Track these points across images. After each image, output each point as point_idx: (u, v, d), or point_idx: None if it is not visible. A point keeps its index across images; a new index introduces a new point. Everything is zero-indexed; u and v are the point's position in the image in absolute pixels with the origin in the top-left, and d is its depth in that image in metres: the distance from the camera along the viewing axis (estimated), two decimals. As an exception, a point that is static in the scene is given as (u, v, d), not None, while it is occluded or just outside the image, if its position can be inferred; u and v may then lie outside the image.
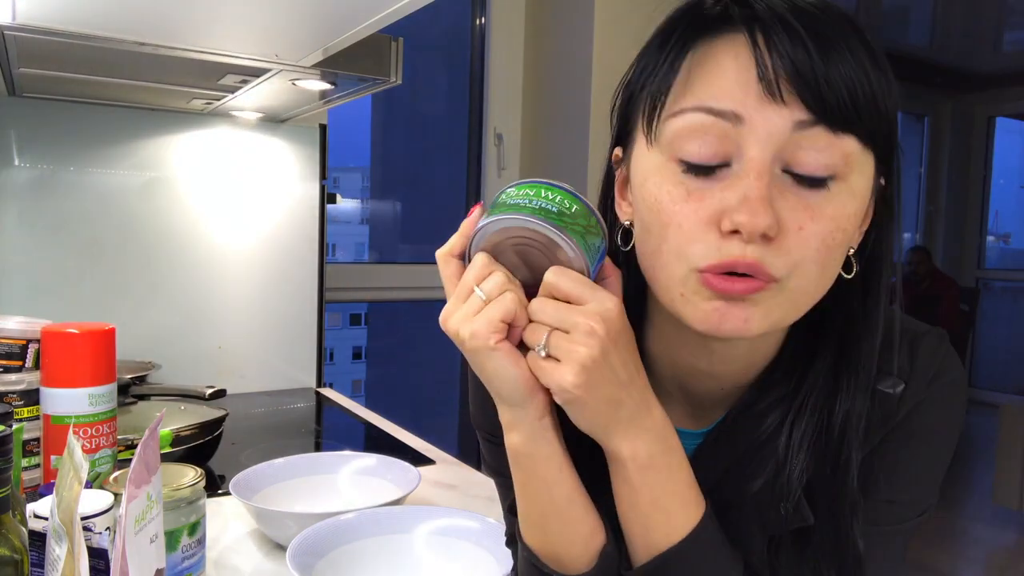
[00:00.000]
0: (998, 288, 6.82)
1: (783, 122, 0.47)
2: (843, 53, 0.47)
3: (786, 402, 0.57)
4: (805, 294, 0.51)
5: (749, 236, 0.47)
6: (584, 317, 0.49)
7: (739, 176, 0.48)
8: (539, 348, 0.50)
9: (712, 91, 0.49)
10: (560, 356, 0.49)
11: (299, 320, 1.83)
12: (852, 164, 0.49)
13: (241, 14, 0.93)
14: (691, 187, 0.50)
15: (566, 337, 0.49)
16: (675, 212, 0.50)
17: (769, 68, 0.47)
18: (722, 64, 0.49)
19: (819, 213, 0.48)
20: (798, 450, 0.55)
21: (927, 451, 0.58)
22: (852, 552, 0.55)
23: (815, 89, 0.46)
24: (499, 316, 0.50)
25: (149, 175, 1.63)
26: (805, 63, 0.46)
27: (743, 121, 0.48)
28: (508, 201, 0.51)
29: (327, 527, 0.85)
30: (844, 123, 0.47)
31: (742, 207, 0.47)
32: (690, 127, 0.49)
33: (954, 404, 0.58)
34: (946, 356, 0.58)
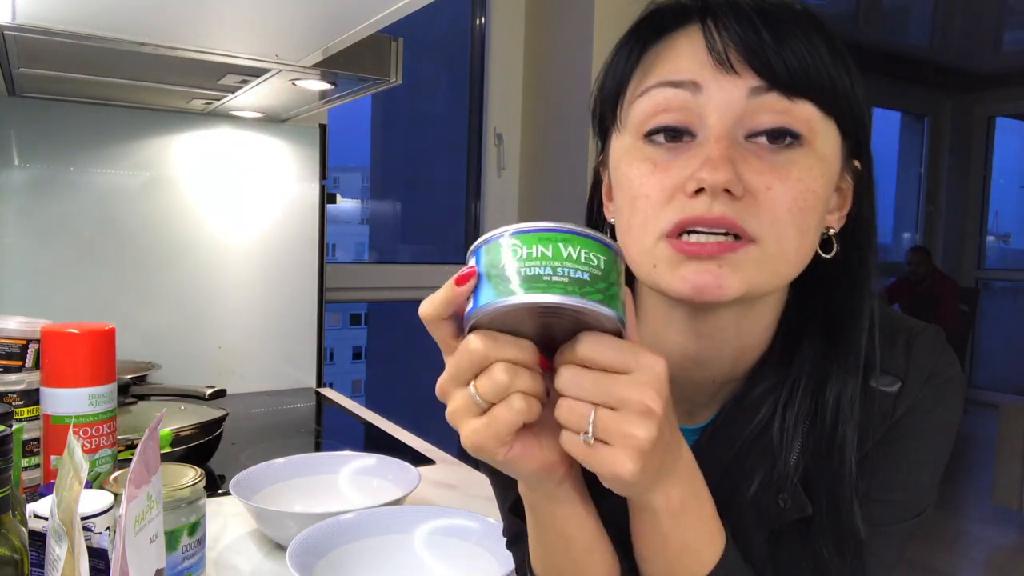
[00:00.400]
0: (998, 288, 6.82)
1: (738, 90, 0.50)
2: (793, 33, 0.50)
3: (776, 392, 0.57)
4: (784, 259, 0.51)
5: (712, 190, 0.48)
6: (636, 392, 0.42)
7: (701, 144, 0.51)
8: (585, 436, 0.43)
9: (670, 67, 0.52)
10: (613, 441, 0.43)
11: (299, 320, 1.83)
12: (814, 129, 0.51)
13: (241, 14, 0.93)
14: (657, 160, 0.52)
15: (616, 417, 0.42)
16: (642, 184, 0.52)
17: (718, 42, 0.50)
18: (678, 48, 0.52)
19: (785, 174, 0.50)
20: (792, 436, 0.55)
21: (925, 449, 0.58)
22: (853, 535, 0.54)
23: (763, 58, 0.49)
24: (505, 431, 0.43)
25: (149, 175, 1.63)
26: (753, 38, 0.49)
27: (701, 89, 0.50)
28: (523, 270, 0.41)
29: (327, 527, 0.85)
30: (797, 89, 0.50)
31: (704, 166, 0.49)
32: (653, 102, 0.52)
33: (952, 402, 0.58)
34: (943, 353, 0.58)
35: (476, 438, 0.44)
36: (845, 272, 0.57)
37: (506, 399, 0.43)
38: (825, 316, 0.57)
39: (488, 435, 0.44)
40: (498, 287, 0.41)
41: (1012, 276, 6.79)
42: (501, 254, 0.42)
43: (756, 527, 0.57)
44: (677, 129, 0.51)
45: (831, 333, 0.56)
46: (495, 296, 0.41)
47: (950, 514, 3.89)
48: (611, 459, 0.43)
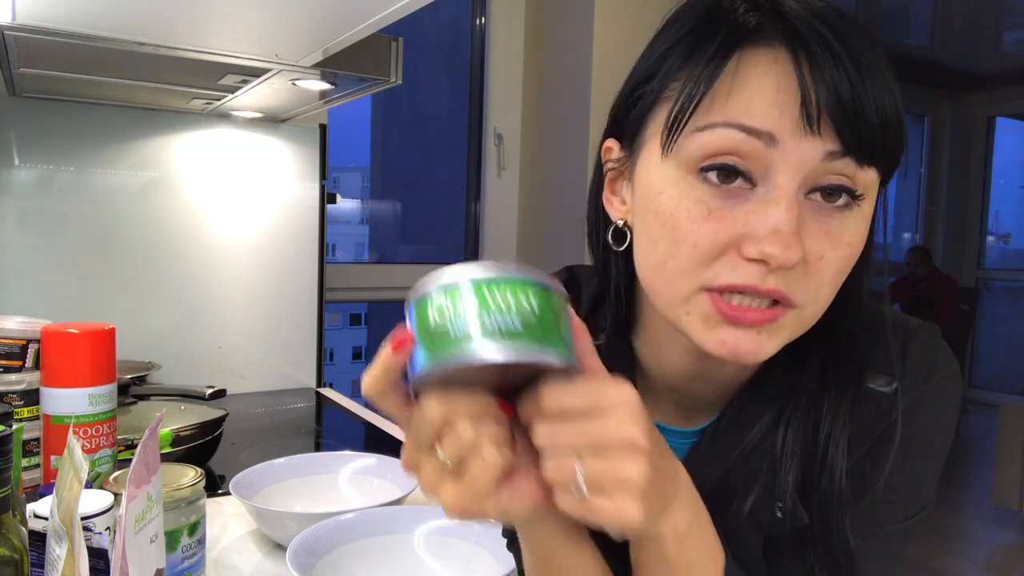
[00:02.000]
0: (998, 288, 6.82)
1: (815, 151, 0.46)
2: (876, 78, 0.46)
3: (780, 401, 0.57)
4: (815, 316, 0.51)
5: (778, 268, 0.46)
6: (615, 431, 0.40)
7: (766, 202, 0.46)
8: (578, 491, 0.40)
9: (749, 109, 0.46)
10: (607, 489, 0.40)
11: (299, 320, 1.83)
12: (868, 193, 0.49)
13: (241, 14, 0.93)
14: (712, 207, 0.47)
15: (604, 463, 0.40)
16: (692, 231, 0.47)
17: (812, 96, 0.45)
18: (761, 82, 0.46)
19: (838, 240, 0.48)
20: (792, 446, 0.55)
21: (923, 449, 0.57)
22: (844, 551, 0.54)
23: (853, 123, 0.45)
24: (485, 487, 0.41)
25: (149, 175, 1.63)
26: (846, 91, 0.45)
27: (777, 144, 0.45)
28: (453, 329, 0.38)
29: (327, 527, 0.85)
30: (872, 157, 0.47)
31: (774, 239, 0.45)
32: (719, 144, 0.46)
33: (949, 401, 0.58)
34: (939, 352, 0.58)
35: (459, 503, 0.41)
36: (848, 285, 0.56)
37: (477, 455, 0.40)
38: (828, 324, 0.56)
39: (470, 496, 0.41)
40: (434, 347, 0.39)
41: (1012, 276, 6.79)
42: (428, 312, 0.39)
43: (751, 533, 0.57)
44: (738, 172, 0.47)
45: (832, 346, 0.56)
46: (431, 359, 0.39)
47: (950, 514, 3.89)
48: (613, 508, 0.40)
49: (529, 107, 2.40)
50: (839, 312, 0.55)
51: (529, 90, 2.40)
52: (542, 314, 0.39)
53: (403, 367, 0.41)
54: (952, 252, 6.62)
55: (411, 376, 0.41)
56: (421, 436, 0.42)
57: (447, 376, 0.40)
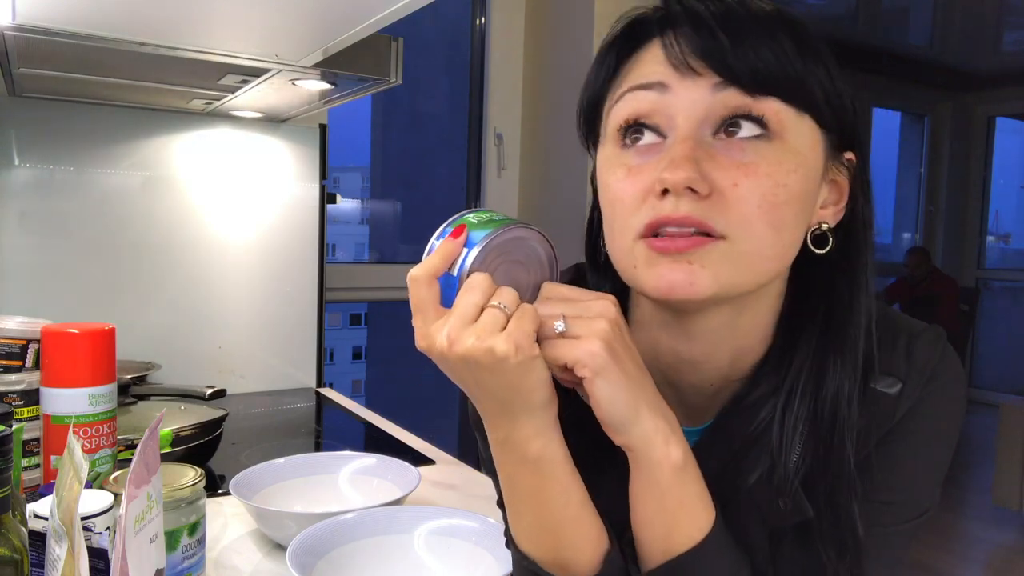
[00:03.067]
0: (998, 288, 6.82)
1: (701, 89, 0.51)
2: (753, 33, 0.51)
3: (776, 396, 0.57)
4: (760, 256, 0.51)
5: (675, 191, 0.50)
6: (592, 306, 0.51)
7: (669, 147, 0.52)
8: (557, 326, 0.50)
9: (639, 73, 0.54)
10: (580, 333, 0.50)
11: (299, 320, 1.83)
12: (783, 123, 0.51)
13: (241, 14, 0.93)
14: (631, 164, 0.54)
15: (580, 320, 0.51)
16: (618, 189, 0.54)
17: (676, 48, 0.52)
18: (644, 60, 0.55)
19: (752, 170, 0.50)
20: (791, 437, 0.55)
21: (927, 451, 0.57)
22: (853, 537, 0.54)
23: (720, 58, 0.50)
24: (532, 326, 0.50)
25: (149, 175, 1.63)
26: (709, 41, 0.51)
27: (668, 89, 0.52)
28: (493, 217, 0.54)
29: (327, 527, 0.85)
30: (759, 85, 0.50)
31: (668, 166, 0.50)
32: (627, 106, 0.54)
33: (953, 403, 0.58)
34: (944, 354, 0.58)
35: (513, 339, 0.48)
36: (842, 267, 0.56)
37: (521, 307, 0.50)
38: (824, 315, 0.56)
39: (521, 333, 0.49)
40: (487, 227, 0.52)
41: (1012, 276, 6.80)
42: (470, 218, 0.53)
43: (757, 527, 0.57)
44: (646, 125, 0.53)
45: (830, 332, 0.56)
46: (492, 229, 0.51)
47: (950, 514, 3.89)
48: (581, 343, 0.50)
49: (529, 107, 2.40)
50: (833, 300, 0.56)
51: (529, 90, 2.40)
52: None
53: (457, 253, 0.51)
54: (952, 252, 6.62)
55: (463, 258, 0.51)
56: (470, 306, 0.49)
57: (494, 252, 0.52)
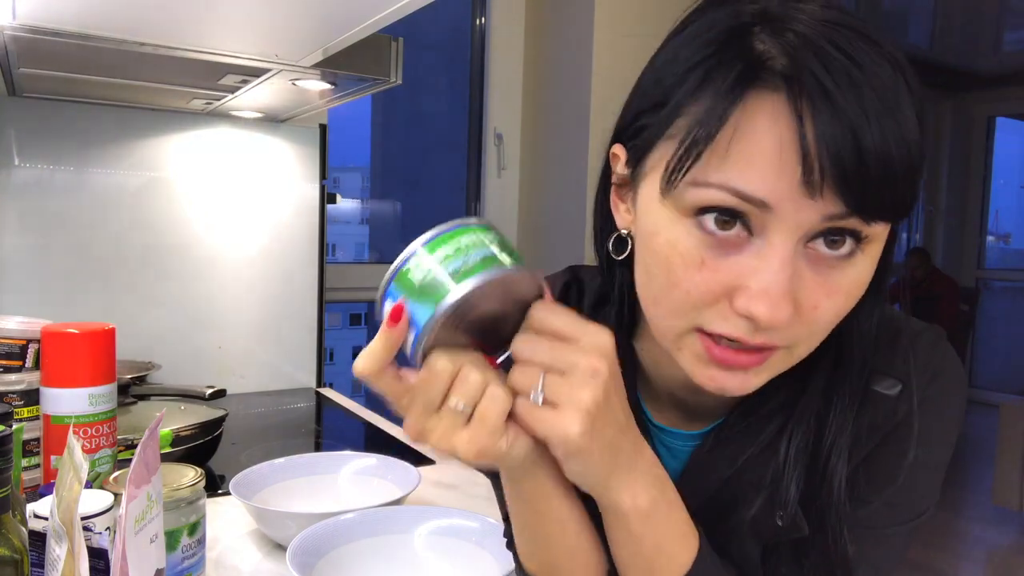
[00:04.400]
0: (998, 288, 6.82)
1: (816, 214, 0.44)
2: (887, 120, 0.42)
3: (787, 409, 0.56)
4: (806, 352, 0.50)
5: (765, 327, 0.46)
6: (583, 355, 0.45)
7: (760, 257, 0.45)
8: (535, 394, 0.45)
9: (746, 173, 0.43)
10: (560, 402, 0.45)
11: (299, 320, 1.83)
12: (875, 239, 0.47)
13: (241, 14, 0.93)
14: (706, 255, 0.46)
15: (564, 380, 0.45)
16: (686, 278, 0.47)
17: (814, 161, 0.42)
18: (761, 142, 0.43)
19: (835, 290, 0.47)
20: (795, 459, 0.55)
21: (927, 452, 0.57)
22: (841, 561, 0.54)
23: (855, 186, 0.42)
24: (498, 422, 0.45)
25: (149, 175, 1.63)
26: (850, 155, 0.42)
27: (772, 210, 0.44)
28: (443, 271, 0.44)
29: (327, 527, 0.85)
30: (878, 214, 0.45)
31: (763, 299, 0.44)
32: (713, 201, 0.45)
33: (953, 404, 0.58)
34: (944, 355, 0.58)
35: (475, 443, 0.45)
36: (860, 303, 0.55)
37: (488, 395, 0.45)
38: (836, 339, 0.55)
39: (485, 434, 0.45)
40: (431, 298, 0.43)
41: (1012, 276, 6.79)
42: (412, 275, 0.44)
43: (750, 541, 0.56)
44: (735, 215, 0.45)
45: (840, 355, 0.55)
46: (433, 306, 0.43)
47: (950, 514, 3.89)
48: (558, 419, 0.44)
49: (529, 107, 2.40)
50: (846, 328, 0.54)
51: (529, 90, 2.40)
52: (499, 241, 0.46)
53: (401, 340, 0.45)
54: (952, 252, 6.62)
55: (413, 340, 0.44)
56: (431, 394, 0.45)
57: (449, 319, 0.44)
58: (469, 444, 0.45)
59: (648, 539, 0.50)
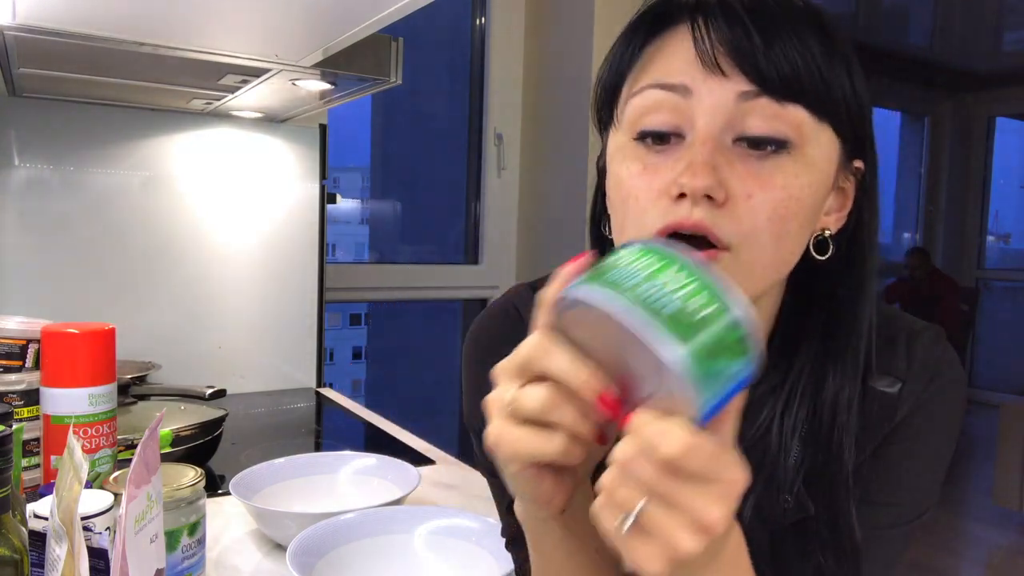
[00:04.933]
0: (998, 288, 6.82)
1: (727, 93, 0.49)
2: (786, 33, 0.49)
3: (775, 395, 0.57)
4: (760, 265, 0.51)
5: (692, 196, 0.48)
6: (702, 504, 0.37)
7: (688, 147, 0.50)
8: (623, 522, 0.38)
9: (663, 69, 0.52)
10: (652, 535, 0.37)
11: (299, 320, 1.83)
12: (804, 135, 0.50)
13: (241, 14, 0.93)
14: (647, 162, 0.52)
15: (666, 515, 0.37)
16: (632, 186, 0.52)
17: (707, 44, 0.49)
18: (671, 48, 0.52)
19: (768, 182, 0.49)
20: (789, 438, 0.55)
21: (927, 452, 0.57)
22: (850, 539, 0.54)
23: (753, 61, 0.49)
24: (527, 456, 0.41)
25: (149, 175, 1.63)
26: (742, 40, 0.49)
27: (691, 92, 0.50)
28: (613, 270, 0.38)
29: (327, 527, 0.85)
30: (787, 93, 0.49)
31: (686, 170, 0.49)
32: (646, 102, 0.52)
33: (954, 403, 0.58)
34: (944, 354, 0.58)
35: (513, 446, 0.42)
36: (845, 272, 0.56)
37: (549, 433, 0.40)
38: (824, 317, 0.56)
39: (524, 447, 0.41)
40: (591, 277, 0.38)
41: (1012, 276, 6.79)
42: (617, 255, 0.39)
43: (757, 530, 0.56)
44: (665, 133, 0.51)
45: (829, 335, 0.56)
46: (591, 290, 0.37)
47: (950, 514, 3.89)
48: (642, 552, 0.38)
49: (529, 107, 2.40)
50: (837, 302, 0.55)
51: (529, 90, 2.40)
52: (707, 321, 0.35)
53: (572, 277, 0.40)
54: (952, 252, 6.62)
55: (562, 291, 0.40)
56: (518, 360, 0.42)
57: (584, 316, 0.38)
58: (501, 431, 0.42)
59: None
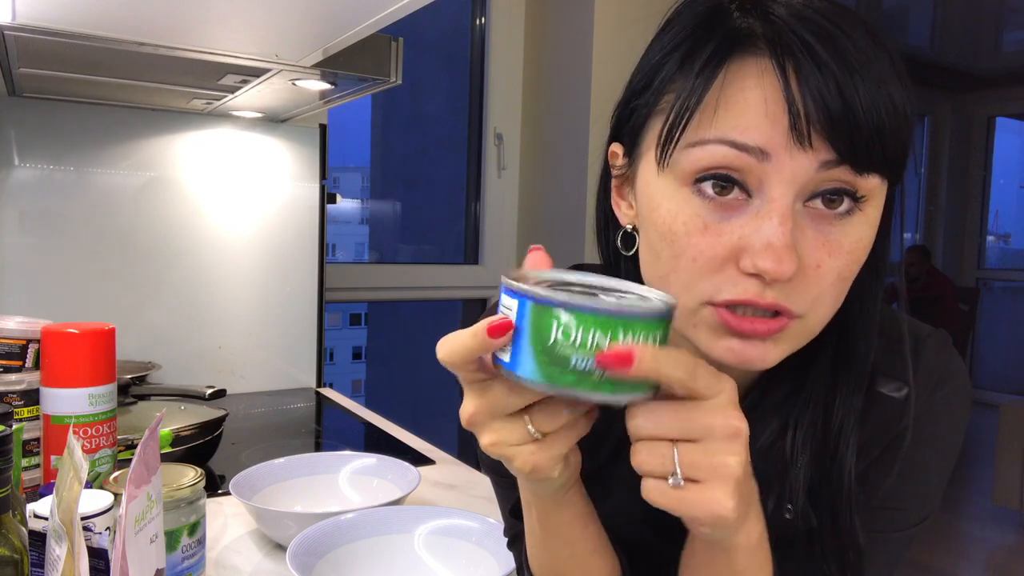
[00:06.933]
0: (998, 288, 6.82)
1: (809, 163, 0.45)
2: (874, 87, 0.45)
3: (789, 403, 0.57)
4: (819, 324, 0.50)
5: (773, 281, 0.46)
6: (719, 416, 0.40)
7: (761, 215, 0.46)
8: (674, 478, 0.40)
9: (739, 124, 0.45)
10: (704, 477, 0.40)
11: (299, 320, 1.83)
12: (872, 195, 0.48)
13: (241, 14, 0.93)
14: (708, 220, 0.47)
15: (702, 449, 0.40)
16: (690, 245, 0.47)
17: (800, 109, 0.44)
18: (749, 96, 0.46)
19: (837, 248, 0.47)
20: (801, 449, 0.55)
21: (931, 457, 0.57)
22: (853, 549, 0.54)
23: (845, 133, 0.44)
24: (564, 451, 0.43)
25: (149, 175, 1.63)
26: (835, 102, 0.44)
27: (769, 157, 0.45)
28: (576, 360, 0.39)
29: (327, 527, 0.85)
30: (870, 164, 0.46)
31: (767, 253, 0.45)
32: (711, 158, 0.46)
33: (959, 410, 0.58)
34: (950, 360, 0.58)
35: (535, 460, 0.43)
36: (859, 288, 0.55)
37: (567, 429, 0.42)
38: (838, 327, 0.55)
39: (546, 457, 0.43)
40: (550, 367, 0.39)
41: (1012, 276, 6.79)
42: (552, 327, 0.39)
43: None
44: (732, 181, 0.47)
45: (841, 348, 0.56)
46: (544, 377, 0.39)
47: (950, 514, 3.89)
48: (707, 499, 0.40)
49: (529, 107, 2.40)
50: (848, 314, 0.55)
51: (529, 90, 2.40)
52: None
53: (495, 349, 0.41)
54: (952, 252, 6.62)
55: (506, 365, 0.40)
56: (505, 406, 0.42)
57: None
58: (529, 458, 0.43)
59: (747, 571, 0.48)
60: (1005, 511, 3.84)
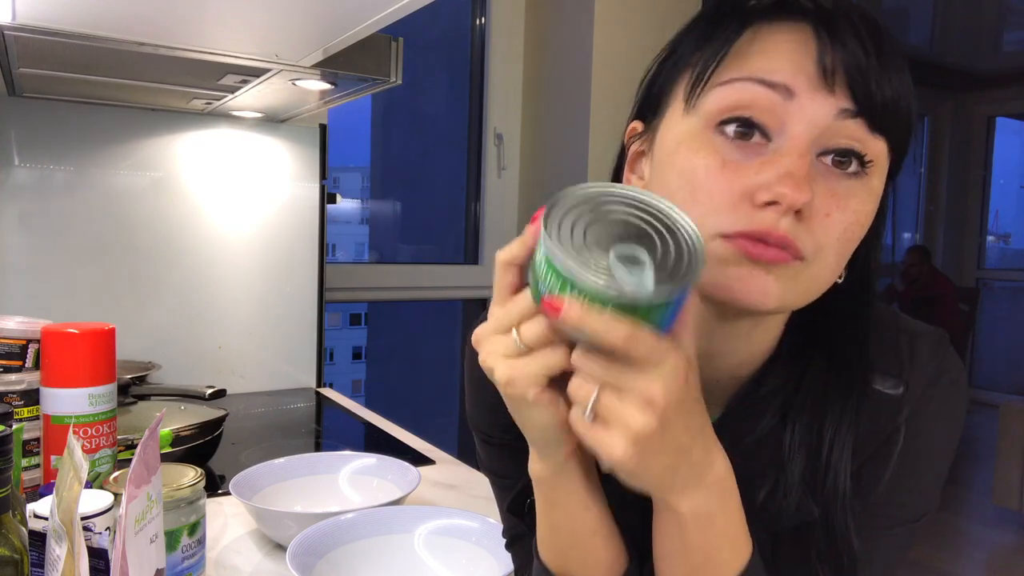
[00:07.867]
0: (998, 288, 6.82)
1: (830, 108, 0.48)
2: (897, 64, 0.49)
3: (784, 397, 0.57)
4: (818, 280, 0.51)
5: (787, 209, 0.47)
6: (642, 382, 0.42)
7: (780, 153, 0.48)
8: (586, 411, 0.43)
9: (769, 65, 0.49)
10: (609, 422, 0.43)
11: (299, 320, 1.83)
12: (877, 165, 0.50)
13: (241, 14, 0.93)
14: (727, 158, 0.49)
15: (618, 400, 0.43)
16: (707, 181, 0.49)
17: (829, 55, 0.48)
18: (781, 44, 0.49)
19: (844, 203, 0.49)
20: (798, 447, 0.55)
21: (928, 454, 0.57)
22: (847, 549, 0.54)
23: (866, 85, 0.48)
24: (540, 371, 0.45)
25: (149, 175, 1.63)
26: (863, 59, 0.48)
27: (793, 96, 0.48)
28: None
29: (327, 527, 0.85)
30: (882, 123, 0.49)
31: (785, 180, 0.47)
32: (739, 96, 0.49)
33: (956, 406, 0.58)
34: (946, 356, 0.58)
35: (512, 372, 0.45)
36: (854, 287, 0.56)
37: (544, 350, 0.44)
38: (832, 322, 0.56)
39: (525, 371, 0.45)
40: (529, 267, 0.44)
41: (1012, 276, 6.79)
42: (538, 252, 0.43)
43: (759, 530, 0.57)
44: (754, 126, 0.49)
45: (838, 346, 0.56)
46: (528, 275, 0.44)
47: (950, 514, 3.89)
48: (605, 439, 0.43)
49: (529, 107, 2.40)
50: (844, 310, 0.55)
51: (529, 90, 2.40)
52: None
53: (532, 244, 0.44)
54: (952, 252, 6.63)
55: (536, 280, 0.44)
56: (506, 318, 0.45)
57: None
58: (508, 368, 0.45)
59: (699, 545, 0.49)
60: (1005, 511, 3.85)
